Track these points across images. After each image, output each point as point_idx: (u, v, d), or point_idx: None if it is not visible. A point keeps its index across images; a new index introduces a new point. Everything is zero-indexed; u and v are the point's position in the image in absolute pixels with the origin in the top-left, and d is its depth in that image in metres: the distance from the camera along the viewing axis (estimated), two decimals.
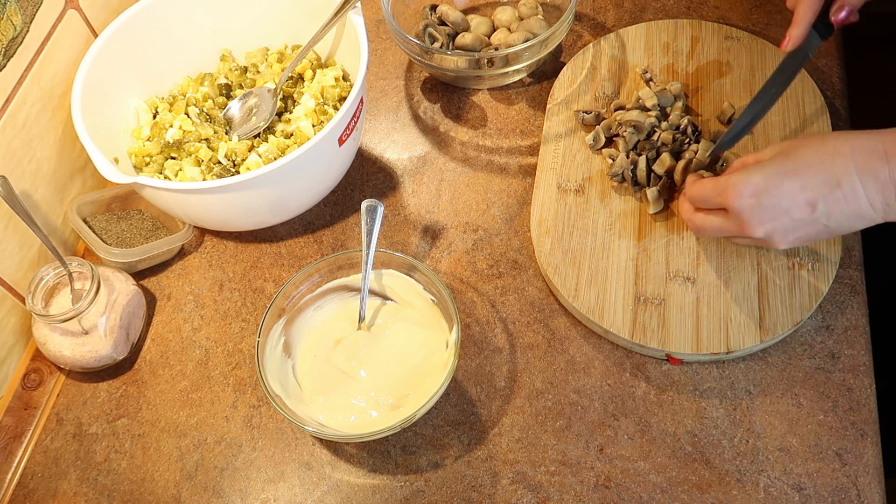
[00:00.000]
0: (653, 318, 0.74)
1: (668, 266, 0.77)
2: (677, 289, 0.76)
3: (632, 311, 0.75)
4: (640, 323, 0.74)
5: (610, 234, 0.80)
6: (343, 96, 0.88)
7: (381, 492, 0.71)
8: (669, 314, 0.74)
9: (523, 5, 0.97)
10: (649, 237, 0.79)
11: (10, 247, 0.79)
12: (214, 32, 0.94)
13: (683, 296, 0.75)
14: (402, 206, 0.88)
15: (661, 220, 0.80)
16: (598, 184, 0.83)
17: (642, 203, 0.81)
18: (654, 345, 0.73)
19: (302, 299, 0.77)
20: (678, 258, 0.77)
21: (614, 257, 0.78)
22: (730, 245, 0.77)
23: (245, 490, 0.72)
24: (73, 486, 0.74)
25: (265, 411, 0.76)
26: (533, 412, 0.73)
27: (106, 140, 0.84)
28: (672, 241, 0.79)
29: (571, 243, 0.79)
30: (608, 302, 0.75)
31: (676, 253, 0.78)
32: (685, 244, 0.78)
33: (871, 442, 0.69)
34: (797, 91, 0.86)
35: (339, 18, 0.86)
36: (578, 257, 0.78)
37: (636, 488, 0.69)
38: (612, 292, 0.76)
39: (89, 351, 0.77)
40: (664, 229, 0.79)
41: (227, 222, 0.83)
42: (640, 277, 0.77)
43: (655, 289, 0.76)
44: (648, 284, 0.76)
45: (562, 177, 0.84)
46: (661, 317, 0.74)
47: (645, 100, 0.85)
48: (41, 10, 0.81)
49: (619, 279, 0.77)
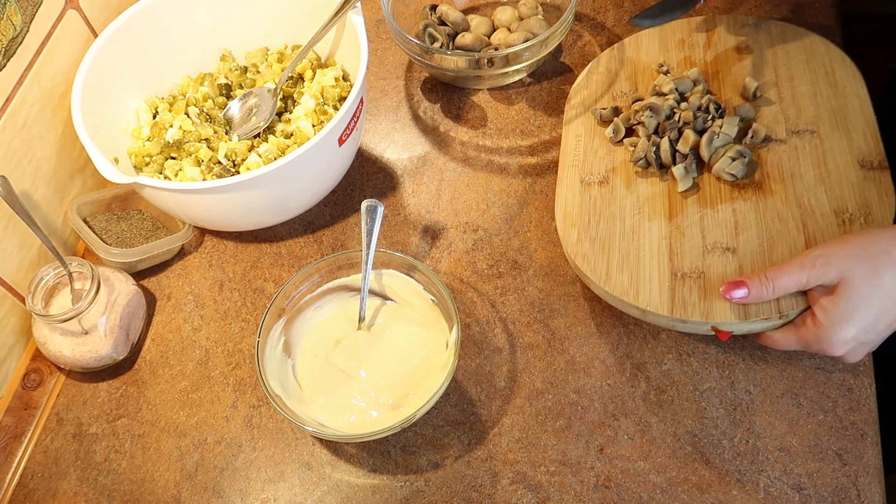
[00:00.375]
0: (692, 291, 0.71)
1: (705, 239, 0.74)
2: (716, 260, 0.72)
3: (669, 287, 0.71)
4: (680, 298, 0.70)
5: (639, 218, 0.77)
6: (343, 96, 0.88)
7: (381, 492, 0.71)
8: (710, 286, 0.70)
9: (523, 5, 0.97)
10: (681, 215, 0.76)
11: (10, 247, 0.79)
12: (214, 32, 0.94)
13: (724, 266, 0.71)
14: (402, 206, 0.88)
15: (693, 197, 0.77)
16: (623, 174, 0.81)
17: (670, 184, 0.79)
18: (697, 318, 0.69)
19: (302, 299, 0.77)
20: (714, 231, 0.74)
21: (645, 239, 0.75)
22: (770, 210, 0.75)
23: (245, 490, 0.72)
24: (73, 486, 0.74)
25: (265, 411, 0.76)
26: (533, 412, 0.73)
27: (106, 140, 0.84)
28: (706, 216, 0.76)
29: (599, 231, 0.77)
30: (642, 282, 0.72)
31: (712, 226, 0.75)
32: (720, 216, 0.75)
33: (871, 442, 0.69)
34: (825, 61, 0.84)
35: (339, 18, 0.86)
36: (607, 243, 0.75)
37: (636, 488, 0.69)
38: (645, 272, 0.73)
39: (89, 351, 0.77)
40: (696, 205, 0.77)
41: (227, 222, 0.83)
42: (675, 254, 0.73)
43: (693, 263, 0.72)
44: (685, 260, 0.73)
45: (584, 171, 0.82)
46: (702, 289, 0.70)
47: (661, 86, 0.84)
48: (41, 10, 0.81)
49: (652, 259, 0.74)
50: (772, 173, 0.77)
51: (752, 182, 0.77)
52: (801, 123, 0.79)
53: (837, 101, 0.80)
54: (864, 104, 0.80)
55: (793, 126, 0.79)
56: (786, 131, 0.79)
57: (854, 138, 0.77)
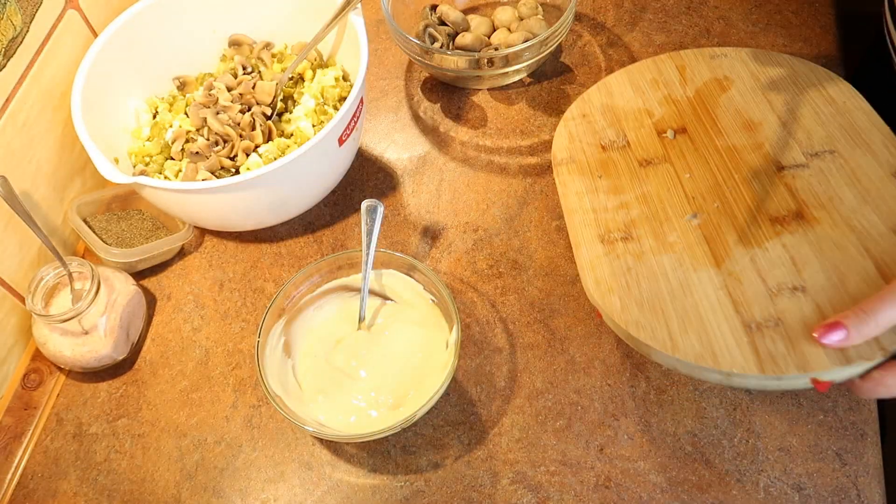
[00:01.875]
0: (776, 342, 0.63)
1: (766, 282, 0.67)
2: (788, 303, 0.65)
3: (748, 343, 0.63)
4: (765, 352, 0.62)
5: (682, 271, 0.70)
6: (343, 96, 0.88)
7: (381, 492, 0.71)
8: (793, 332, 0.63)
9: (523, 5, 0.97)
10: (729, 260, 0.69)
11: (10, 247, 0.79)
12: (214, 32, 0.94)
13: (800, 308, 0.64)
14: (402, 206, 0.88)
15: (732, 238, 0.71)
16: (644, 226, 0.74)
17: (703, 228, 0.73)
18: (794, 371, 0.61)
19: (302, 299, 0.77)
20: (773, 271, 0.67)
21: (699, 293, 0.68)
22: (824, 239, 0.69)
23: (245, 490, 0.72)
24: (73, 486, 0.74)
25: (265, 411, 0.76)
26: (533, 412, 0.73)
27: (106, 140, 0.84)
28: (756, 256, 0.69)
29: (643, 293, 0.69)
30: (716, 342, 0.64)
31: (768, 267, 0.68)
32: (773, 255, 0.68)
33: (871, 442, 0.69)
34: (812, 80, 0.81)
35: (339, 19, 0.86)
36: (658, 305, 0.68)
37: (636, 488, 0.69)
38: (714, 330, 0.65)
39: (89, 351, 0.77)
40: (741, 247, 0.70)
41: (227, 222, 0.83)
42: (740, 304, 0.66)
43: (763, 310, 0.65)
44: (753, 308, 0.65)
45: (601, 229, 0.74)
46: (786, 337, 0.63)
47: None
48: (41, 10, 0.81)
49: (715, 313, 0.66)
50: (808, 200, 0.71)
51: (790, 213, 0.71)
52: (815, 145, 0.76)
53: (843, 118, 0.77)
54: (872, 115, 0.76)
55: (807, 149, 0.76)
56: (802, 154, 0.75)
57: (878, 151, 0.73)
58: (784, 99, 0.80)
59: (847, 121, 0.77)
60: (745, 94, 0.83)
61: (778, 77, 0.82)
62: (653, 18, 0.98)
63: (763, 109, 0.81)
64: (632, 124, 0.83)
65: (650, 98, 0.85)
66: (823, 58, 0.92)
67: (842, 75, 0.91)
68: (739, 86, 0.84)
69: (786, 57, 0.84)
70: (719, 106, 0.83)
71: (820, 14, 0.96)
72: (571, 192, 0.78)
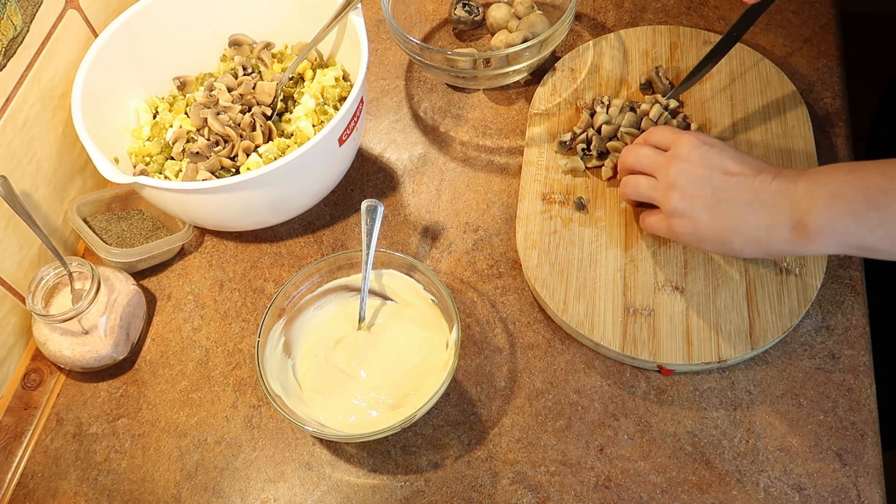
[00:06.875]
0: (643, 329, 0.73)
1: (657, 276, 0.76)
2: (666, 299, 0.75)
3: (622, 323, 0.74)
4: (631, 335, 0.73)
5: (596, 246, 0.78)
6: (343, 96, 0.88)
7: (381, 492, 0.71)
8: (659, 325, 0.73)
9: (519, 4, 0.97)
10: (636, 247, 0.78)
11: (10, 247, 0.79)
12: (214, 32, 0.94)
13: (673, 306, 0.74)
14: (402, 206, 0.88)
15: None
16: (582, 195, 0.82)
17: (627, 214, 0.80)
18: (646, 356, 0.72)
19: (302, 299, 0.77)
20: (666, 267, 0.76)
21: (602, 269, 0.77)
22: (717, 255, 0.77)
23: (245, 490, 0.72)
24: (73, 486, 0.74)
25: (265, 411, 0.76)
26: (533, 412, 0.73)
27: (106, 140, 0.84)
28: (659, 252, 0.77)
29: (559, 257, 0.78)
30: (598, 315, 0.74)
31: (664, 262, 0.77)
32: (672, 253, 0.77)
33: (871, 442, 0.69)
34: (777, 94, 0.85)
35: (340, 20, 0.86)
36: (566, 270, 0.77)
37: (636, 488, 0.69)
38: (601, 305, 0.75)
39: (89, 351, 0.77)
40: (651, 239, 0.78)
41: (227, 222, 0.83)
42: (629, 288, 0.76)
43: (644, 299, 0.75)
44: (637, 295, 0.75)
45: (546, 187, 0.83)
46: (652, 328, 0.73)
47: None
48: (41, 9, 0.81)
49: (607, 291, 0.76)
50: None
51: None
52: None
53: (786, 140, 0.82)
54: (809, 145, 0.81)
55: None
56: None
57: None
58: (745, 106, 0.85)
59: (787, 144, 0.82)
60: (716, 91, 0.87)
61: (750, 81, 0.86)
62: (653, 18, 0.98)
63: (723, 113, 0.85)
64: (609, 92, 0.89)
65: (634, 70, 0.91)
66: (823, 56, 0.92)
67: (842, 76, 0.91)
68: (714, 82, 0.88)
69: (764, 62, 0.87)
70: (690, 96, 0.87)
71: (820, 14, 0.96)
72: (535, 144, 0.86)
